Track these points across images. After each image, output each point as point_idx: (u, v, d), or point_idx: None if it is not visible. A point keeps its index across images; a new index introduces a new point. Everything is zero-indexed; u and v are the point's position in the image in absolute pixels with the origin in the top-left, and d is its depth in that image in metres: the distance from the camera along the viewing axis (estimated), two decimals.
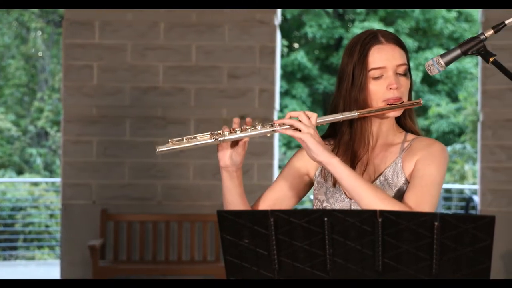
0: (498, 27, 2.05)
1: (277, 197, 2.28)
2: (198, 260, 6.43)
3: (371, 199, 2.02)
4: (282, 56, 18.71)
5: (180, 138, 2.16)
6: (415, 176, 2.14)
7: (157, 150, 2.16)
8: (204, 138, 2.14)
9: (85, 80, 6.52)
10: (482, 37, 2.06)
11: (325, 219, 1.54)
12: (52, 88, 17.23)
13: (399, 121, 2.30)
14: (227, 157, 2.18)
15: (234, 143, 2.18)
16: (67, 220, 6.50)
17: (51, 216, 12.09)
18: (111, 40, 6.53)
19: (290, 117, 2.11)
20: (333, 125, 2.29)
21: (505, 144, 6.29)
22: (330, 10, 19.34)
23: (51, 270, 8.75)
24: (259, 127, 2.12)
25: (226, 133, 2.14)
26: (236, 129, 2.14)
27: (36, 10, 16.80)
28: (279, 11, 6.70)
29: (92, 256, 5.98)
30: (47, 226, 12.21)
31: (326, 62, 19.80)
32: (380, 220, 1.53)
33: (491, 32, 2.05)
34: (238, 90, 6.53)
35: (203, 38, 6.53)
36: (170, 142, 2.16)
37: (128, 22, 6.53)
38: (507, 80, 2.01)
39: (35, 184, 13.38)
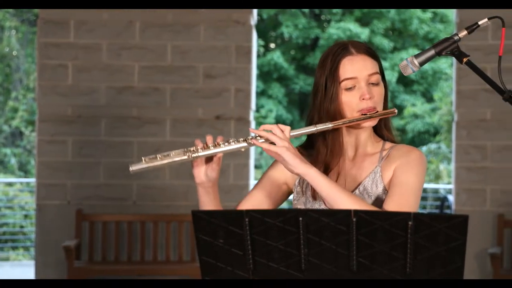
0: (472, 28, 2.06)
1: (253, 206, 2.29)
2: (174, 260, 6.41)
3: (350, 208, 2.02)
4: (258, 56, 18.72)
5: (154, 156, 2.14)
6: (394, 184, 2.15)
7: (131, 169, 2.14)
8: (177, 155, 2.13)
9: (60, 80, 6.48)
10: (456, 37, 2.08)
11: (300, 218, 1.54)
12: (26, 87, 17.09)
13: (376, 130, 2.32)
14: (202, 174, 2.18)
15: (209, 159, 2.18)
16: (41, 221, 6.46)
17: (26, 216, 12.00)
18: (86, 39, 6.49)
19: (264, 130, 2.11)
20: (310, 137, 2.30)
21: (479, 144, 6.34)
22: (306, 10, 19.38)
23: (25, 271, 8.68)
24: (233, 142, 2.12)
25: (200, 149, 2.12)
26: (210, 145, 2.13)
27: (10, 9, 16.66)
28: (255, 11, 6.70)
29: (67, 256, 5.94)
30: (21, 226, 12.10)
31: (302, 62, 19.84)
32: (354, 220, 1.53)
33: (464, 33, 2.07)
34: (214, 90, 6.52)
35: (179, 38, 6.51)
36: (143, 160, 2.14)
37: (104, 22, 6.49)
38: (481, 81, 2.03)
39: (10, 184, 13.26)
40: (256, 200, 2.29)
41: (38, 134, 6.53)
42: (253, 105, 6.63)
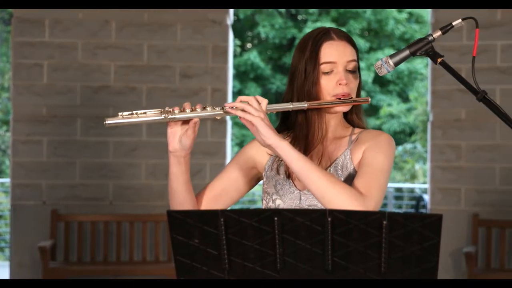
0: (446, 29, 2.08)
1: (223, 187, 2.30)
2: (150, 260, 6.39)
3: (321, 183, 2.03)
4: (235, 56, 18.71)
5: (130, 112, 2.14)
6: (363, 164, 2.17)
7: (106, 122, 2.14)
8: (154, 115, 2.13)
9: (35, 79, 6.43)
10: (430, 38, 2.09)
11: (275, 218, 1.54)
12: (1, 87, 16.95)
13: (346, 117, 2.34)
14: (176, 140, 2.17)
15: (184, 124, 2.17)
16: (16, 221, 6.41)
17: (1, 217, 11.91)
18: (61, 38, 6.45)
19: (241, 101, 2.11)
20: (285, 121, 2.32)
21: (454, 144, 6.39)
22: (282, 10, 19.40)
23: (0, 271, 8.61)
24: (209, 109, 2.12)
25: (176, 111, 2.12)
26: (187, 109, 2.13)
27: None
28: (231, 11, 6.70)
29: (42, 257, 5.90)
30: None
31: (279, 62, 19.86)
32: (329, 219, 1.53)
33: (439, 33, 2.08)
34: (191, 90, 6.51)
35: (155, 37, 6.50)
36: (120, 115, 2.13)
37: (79, 21, 6.46)
38: (456, 81, 2.04)
39: None
40: (224, 183, 2.31)
41: (12, 134, 6.48)
42: None
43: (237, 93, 18.57)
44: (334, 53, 2.22)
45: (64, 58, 6.45)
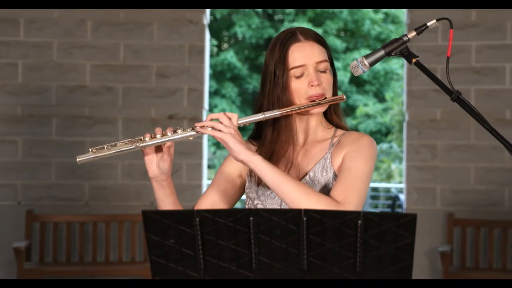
0: (421, 29, 2.09)
1: (211, 203, 2.29)
2: (126, 260, 6.37)
3: (296, 195, 2.03)
4: (212, 55, 18.69)
5: (101, 146, 2.14)
6: (342, 170, 2.16)
7: (78, 159, 2.13)
8: (124, 145, 2.13)
9: (10, 78, 6.38)
10: (405, 38, 2.10)
11: (251, 218, 1.54)
12: None
13: (328, 117, 2.33)
14: (154, 166, 2.18)
15: (159, 150, 2.17)
16: None
17: None
18: (36, 37, 6.41)
19: (211, 119, 2.11)
20: (260, 127, 2.31)
21: (429, 144, 6.43)
22: (259, 10, 19.41)
23: None
24: (180, 131, 2.12)
25: (147, 138, 2.12)
26: (157, 135, 2.13)
27: None
28: (208, 10, 6.69)
29: (17, 258, 5.85)
30: None
31: (255, 62, 19.88)
32: (305, 219, 1.54)
33: (413, 33, 2.09)
34: (167, 90, 6.49)
35: (131, 37, 6.47)
36: (90, 151, 2.13)
37: (55, 20, 6.42)
38: (431, 81, 2.05)
39: None
40: (211, 199, 2.30)
41: None
42: (206, 105, 6.62)
43: (213, 93, 18.56)
44: (302, 56, 2.20)
45: (39, 57, 6.41)
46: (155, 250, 1.61)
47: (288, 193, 2.03)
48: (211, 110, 17.80)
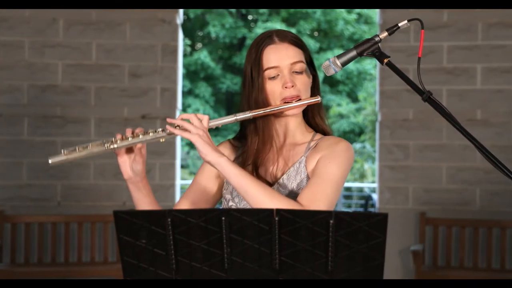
0: (392, 30, 2.09)
1: (193, 201, 2.29)
2: (99, 261, 6.33)
3: (260, 197, 2.02)
4: (185, 55, 18.65)
5: (73, 148, 2.14)
6: (314, 174, 2.16)
7: (50, 161, 2.15)
8: (96, 147, 2.14)
9: None
10: (377, 39, 2.11)
11: (223, 218, 1.54)
12: None
13: (308, 120, 2.33)
14: (128, 168, 2.18)
15: (130, 151, 2.17)
16: None
17: None
18: (7, 36, 6.35)
19: (182, 119, 2.11)
20: (244, 128, 2.32)
21: (402, 143, 6.46)
22: (233, 10, 19.40)
23: None
24: (151, 133, 2.12)
25: (118, 140, 2.12)
26: (128, 136, 2.12)
27: None
28: (181, 10, 6.67)
29: None
30: None
31: (229, 61, 19.87)
32: (277, 219, 1.54)
33: (385, 34, 2.10)
34: (140, 89, 6.47)
35: (104, 36, 6.44)
36: (62, 153, 2.14)
37: (26, 19, 6.37)
38: (404, 81, 2.06)
39: None
40: (194, 196, 2.30)
41: None
42: (179, 105, 6.60)
43: (187, 93, 18.52)
44: (275, 57, 2.21)
45: (10, 56, 6.35)
46: (126, 251, 1.60)
47: (253, 195, 2.03)
48: (184, 110, 17.76)
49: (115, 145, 2.12)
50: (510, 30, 6.35)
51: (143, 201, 2.21)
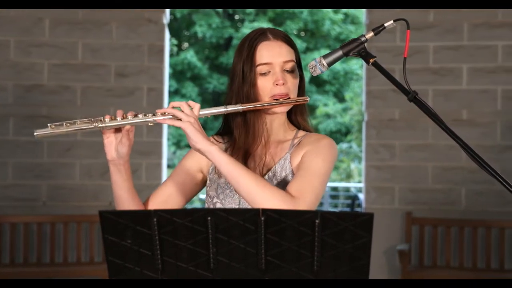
0: (378, 30, 2.10)
1: (170, 193, 2.29)
2: (85, 261, 6.31)
3: (251, 187, 2.02)
4: (172, 55, 18.62)
5: (60, 122, 2.12)
6: (300, 168, 2.17)
7: (36, 133, 2.12)
8: (84, 124, 2.12)
9: None
10: (363, 39, 2.11)
11: (209, 218, 1.54)
12: None
13: (291, 118, 2.34)
14: (112, 149, 2.16)
15: (118, 132, 2.16)
16: None
17: None
18: None
19: (173, 107, 2.10)
20: (228, 123, 2.31)
21: (388, 143, 6.48)
22: (220, 10, 19.39)
23: None
24: (140, 116, 2.10)
25: (107, 120, 2.10)
26: (118, 117, 2.11)
27: None
28: (167, 9, 6.66)
29: None
30: None
31: (215, 61, 19.85)
32: (263, 218, 1.54)
33: (371, 34, 2.10)
34: (126, 89, 6.45)
35: (90, 36, 6.42)
36: (49, 126, 2.11)
37: (12, 18, 6.34)
38: (389, 81, 2.06)
39: None
40: (168, 191, 2.30)
41: None
42: (165, 105, 6.59)
43: (173, 93, 18.49)
44: (269, 54, 2.22)
45: None
46: (112, 251, 1.60)
47: (244, 184, 2.03)
48: None
49: (104, 124, 2.10)
50: (495, 31, 6.38)
51: (122, 185, 2.20)
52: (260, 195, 2.01)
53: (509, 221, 6.21)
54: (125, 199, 2.20)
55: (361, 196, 9.85)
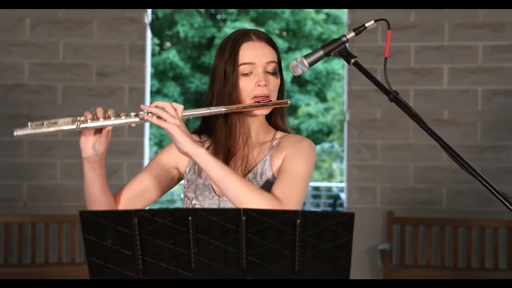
0: (359, 30, 2.11)
1: (142, 188, 2.27)
2: (66, 261, 6.29)
3: (240, 190, 2.03)
4: (154, 55, 18.57)
5: (41, 122, 2.08)
6: (282, 171, 2.17)
7: (16, 133, 2.08)
8: (65, 123, 2.08)
9: None
10: (344, 39, 2.12)
11: (190, 218, 1.54)
12: None
13: (270, 120, 2.34)
14: (89, 147, 2.13)
15: (97, 132, 2.13)
16: None
17: None
18: None
19: (157, 106, 2.09)
20: (207, 122, 2.31)
21: (370, 143, 6.50)
22: (202, 10, 19.36)
23: None
24: (123, 116, 2.08)
25: (89, 119, 2.08)
26: (100, 117, 2.09)
27: None
28: (149, 9, 6.64)
29: None
30: None
31: (198, 61, 19.83)
32: (244, 218, 1.54)
33: (352, 34, 2.11)
34: (107, 89, 6.43)
35: (71, 35, 6.39)
36: (29, 126, 2.08)
37: None
38: (371, 81, 2.07)
39: None
40: (143, 184, 2.28)
41: None
42: (147, 104, 6.57)
43: (155, 92, 18.45)
44: (252, 54, 2.21)
45: None
46: (93, 251, 1.59)
47: (232, 187, 2.03)
48: None
49: (86, 125, 2.07)
50: (476, 31, 6.42)
51: (96, 181, 2.17)
52: (248, 198, 2.01)
53: (490, 220, 6.25)
54: (98, 196, 2.18)
55: (343, 195, 9.88)
